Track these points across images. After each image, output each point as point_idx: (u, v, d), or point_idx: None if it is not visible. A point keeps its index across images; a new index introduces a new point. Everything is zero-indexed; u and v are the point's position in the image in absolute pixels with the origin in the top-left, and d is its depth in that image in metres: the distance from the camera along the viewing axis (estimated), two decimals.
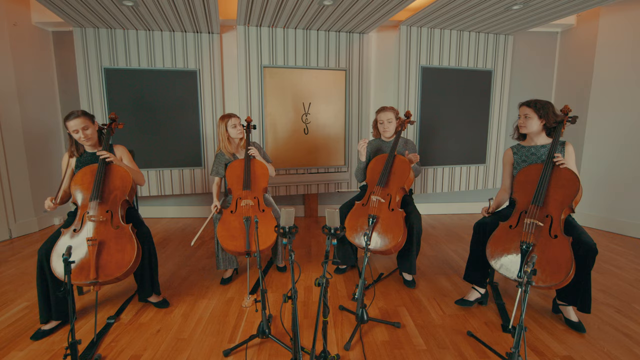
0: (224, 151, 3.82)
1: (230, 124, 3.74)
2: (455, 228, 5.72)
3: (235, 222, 3.42)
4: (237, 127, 3.76)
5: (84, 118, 3.00)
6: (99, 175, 2.94)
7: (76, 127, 2.97)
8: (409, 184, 3.56)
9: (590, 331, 2.81)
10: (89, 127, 3.04)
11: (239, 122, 3.78)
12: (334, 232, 2.16)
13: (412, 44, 5.49)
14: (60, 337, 2.75)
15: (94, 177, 2.96)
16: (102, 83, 5.27)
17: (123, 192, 3.03)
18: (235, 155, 3.87)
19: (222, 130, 3.77)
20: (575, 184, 2.72)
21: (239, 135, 3.80)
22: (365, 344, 2.65)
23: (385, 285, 3.65)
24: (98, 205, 2.90)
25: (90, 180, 2.97)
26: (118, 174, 3.05)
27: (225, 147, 3.81)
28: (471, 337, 2.73)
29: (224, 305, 3.24)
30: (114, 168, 3.06)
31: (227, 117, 3.76)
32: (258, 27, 5.29)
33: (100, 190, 2.93)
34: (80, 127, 2.97)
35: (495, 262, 2.81)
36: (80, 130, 2.98)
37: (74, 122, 2.95)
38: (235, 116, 3.78)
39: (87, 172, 3.00)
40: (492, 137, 6.11)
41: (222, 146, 3.81)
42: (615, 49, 5.25)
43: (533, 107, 2.99)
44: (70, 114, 2.97)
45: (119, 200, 3.00)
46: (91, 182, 2.96)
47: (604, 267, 4.07)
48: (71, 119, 2.95)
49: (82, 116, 3.00)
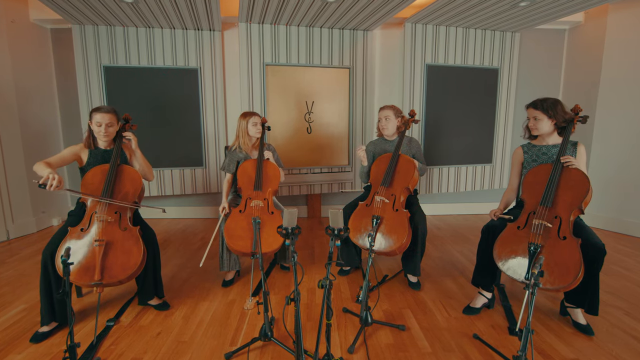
0: (243, 147, 3.83)
1: (251, 122, 3.76)
2: (461, 229, 5.71)
3: (244, 222, 3.41)
4: (258, 126, 3.78)
5: (113, 115, 3.08)
6: (109, 176, 2.97)
7: (103, 121, 3.01)
8: (414, 183, 3.56)
9: (599, 334, 2.81)
10: (113, 124, 3.09)
11: (260, 122, 3.80)
12: (338, 233, 2.16)
13: (417, 41, 5.49)
14: (59, 339, 2.75)
15: (105, 177, 2.98)
16: (102, 81, 5.29)
17: (133, 193, 3.04)
18: (247, 154, 3.88)
19: (242, 127, 3.79)
20: (585, 185, 2.71)
21: (257, 135, 3.81)
22: (369, 347, 2.65)
23: (389, 287, 3.65)
24: (107, 206, 2.91)
25: (101, 180, 2.99)
26: (129, 175, 3.07)
27: (245, 144, 3.82)
28: (477, 340, 2.72)
29: (226, 307, 3.25)
30: (125, 169, 3.09)
31: (250, 114, 3.78)
32: (260, 24, 5.29)
33: (110, 190, 2.95)
34: (106, 122, 3.02)
35: (502, 263, 2.80)
36: (105, 125, 3.02)
37: (104, 115, 3.01)
38: (258, 115, 3.81)
39: (97, 172, 3.02)
40: (499, 136, 6.10)
41: (242, 142, 3.82)
42: (624, 47, 5.24)
43: (541, 109, 2.98)
44: (102, 107, 3.04)
45: (130, 201, 3.01)
46: (101, 182, 2.97)
47: (612, 268, 4.07)
48: (102, 112, 3.01)
49: (113, 112, 3.07)
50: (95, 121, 3.01)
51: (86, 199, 2.97)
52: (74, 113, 5.75)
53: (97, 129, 3.03)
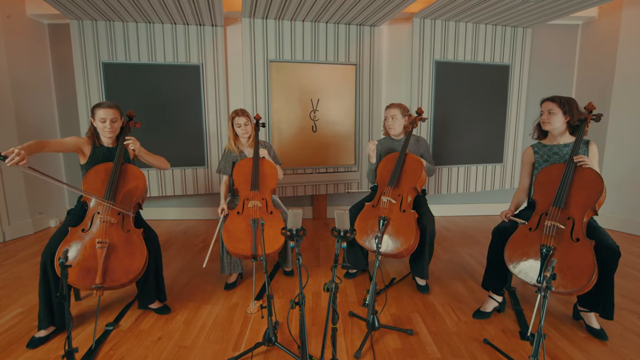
0: (231, 148, 3.84)
1: (235, 123, 3.76)
2: (470, 230, 5.71)
3: (242, 223, 3.42)
4: (242, 128, 3.75)
5: (116, 110, 3.11)
6: (113, 175, 2.98)
7: (107, 117, 3.03)
8: (421, 183, 3.56)
9: (613, 339, 2.80)
10: (117, 119, 3.12)
11: (245, 122, 3.75)
12: (344, 235, 2.16)
13: (425, 37, 5.48)
14: (57, 344, 2.75)
15: (108, 176, 2.99)
16: (100, 78, 5.31)
17: (137, 194, 3.05)
18: (243, 153, 3.89)
19: (229, 127, 3.81)
20: (599, 185, 2.71)
21: (245, 135, 3.82)
22: (376, 352, 2.65)
23: (397, 290, 3.66)
24: (110, 206, 2.92)
25: (104, 179, 2.99)
26: (133, 174, 3.08)
27: (231, 145, 3.83)
28: (488, 345, 2.73)
29: (228, 311, 3.25)
30: (129, 168, 3.10)
31: (234, 114, 3.77)
32: (264, 19, 5.31)
33: (113, 190, 2.95)
34: (110, 117, 3.04)
35: (513, 266, 2.80)
36: (109, 120, 3.04)
37: (108, 111, 3.03)
38: (243, 115, 3.75)
39: (100, 170, 3.03)
40: (510, 135, 6.09)
41: (232, 143, 3.84)
42: (639, 43, 5.22)
43: (557, 102, 2.97)
44: (104, 102, 3.08)
45: (132, 202, 3.02)
46: (104, 182, 2.98)
47: (626, 271, 4.06)
48: (105, 107, 3.04)
49: (116, 107, 3.10)
50: (99, 117, 3.02)
51: (89, 199, 2.97)
52: (71, 111, 5.76)
53: (101, 125, 3.04)
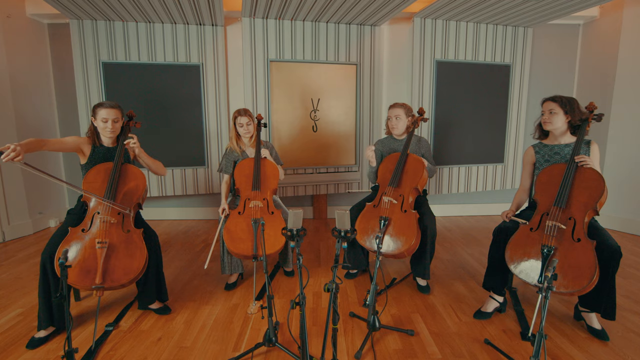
0: (233, 148, 3.85)
1: (238, 123, 3.77)
2: (471, 230, 5.71)
3: (243, 223, 3.43)
4: (245, 127, 3.76)
5: (118, 110, 3.11)
6: (113, 175, 2.98)
7: (109, 117, 3.04)
8: (423, 184, 3.56)
9: (614, 339, 2.80)
10: (119, 120, 3.13)
11: (248, 122, 3.76)
12: (344, 235, 2.17)
13: (426, 37, 5.49)
14: (57, 345, 2.75)
15: (108, 176, 2.99)
16: (100, 78, 5.31)
17: (137, 194, 3.06)
18: (245, 152, 3.90)
19: (231, 126, 3.82)
20: (600, 186, 2.71)
21: (247, 135, 3.83)
22: (377, 353, 2.66)
23: (398, 290, 3.66)
24: (110, 206, 2.92)
25: (104, 179, 3.00)
26: (133, 174, 3.08)
27: (234, 145, 3.85)
28: (488, 345, 2.73)
29: (229, 311, 3.26)
30: (129, 168, 3.10)
31: (237, 113, 3.78)
32: (264, 19, 5.31)
33: (113, 190, 2.96)
34: (112, 117, 3.05)
35: (514, 266, 2.80)
36: (111, 121, 3.05)
37: (110, 111, 3.04)
38: (246, 115, 3.76)
39: (100, 170, 3.03)
40: (511, 134, 6.09)
41: (234, 142, 3.85)
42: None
43: (559, 102, 2.98)
44: (105, 102, 3.08)
45: (133, 202, 3.02)
46: (104, 181, 2.98)
47: (628, 271, 4.06)
48: (106, 107, 3.04)
49: (117, 107, 3.10)
50: (101, 117, 3.02)
51: (89, 198, 2.98)
52: (71, 110, 5.76)
53: (102, 125, 3.05)
